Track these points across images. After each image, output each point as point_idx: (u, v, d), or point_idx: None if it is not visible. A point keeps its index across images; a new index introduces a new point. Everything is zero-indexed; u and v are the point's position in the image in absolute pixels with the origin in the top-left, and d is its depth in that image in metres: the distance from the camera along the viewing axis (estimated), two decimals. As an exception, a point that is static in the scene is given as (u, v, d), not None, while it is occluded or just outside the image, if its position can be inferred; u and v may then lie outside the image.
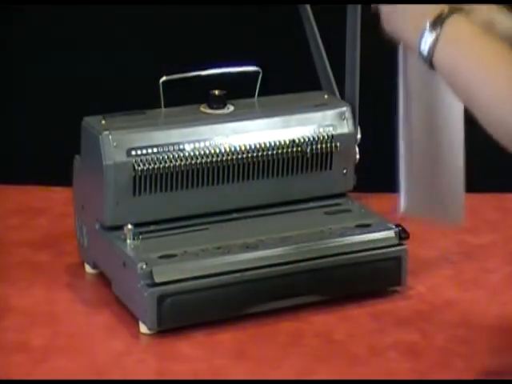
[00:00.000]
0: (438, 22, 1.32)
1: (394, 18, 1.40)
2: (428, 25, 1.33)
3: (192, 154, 1.77)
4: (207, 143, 1.78)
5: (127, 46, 2.18)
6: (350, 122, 1.86)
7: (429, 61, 1.34)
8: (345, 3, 1.89)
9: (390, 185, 1.72)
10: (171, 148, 1.76)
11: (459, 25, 1.33)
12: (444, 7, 1.33)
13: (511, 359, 1.60)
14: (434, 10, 1.34)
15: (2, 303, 1.76)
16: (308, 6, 1.94)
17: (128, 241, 1.71)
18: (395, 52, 1.66)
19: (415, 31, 1.34)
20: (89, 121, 1.78)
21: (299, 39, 1.99)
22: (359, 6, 1.88)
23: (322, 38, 1.96)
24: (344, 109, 1.87)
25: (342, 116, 1.86)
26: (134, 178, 1.74)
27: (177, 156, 1.76)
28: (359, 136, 1.89)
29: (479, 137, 1.39)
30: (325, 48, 1.96)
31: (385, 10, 1.41)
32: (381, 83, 1.86)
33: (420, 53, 1.34)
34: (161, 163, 1.75)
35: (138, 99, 1.84)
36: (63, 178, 1.89)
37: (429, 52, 1.33)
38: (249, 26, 2.16)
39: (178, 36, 2.17)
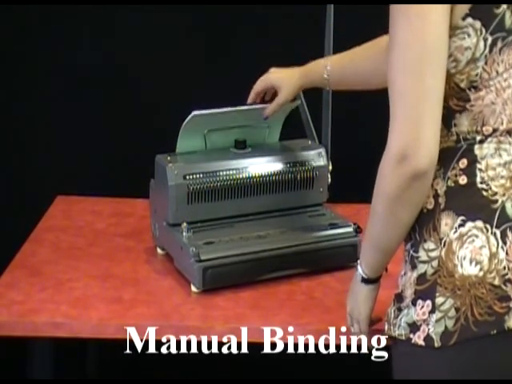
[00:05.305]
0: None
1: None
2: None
3: (225, 178, 1.75)
4: (235, 171, 1.76)
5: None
6: (325, 158, 1.83)
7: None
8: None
9: (349, 198, 1.76)
10: (211, 174, 1.74)
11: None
12: None
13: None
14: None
15: (106, 272, 1.75)
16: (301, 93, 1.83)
17: (184, 233, 1.70)
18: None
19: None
20: (159, 157, 1.77)
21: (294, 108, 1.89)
22: (330, 96, 1.83)
23: (308, 107, 1.87)
24: (321, 150, 1.84)
25: (319, 155, 1.83)
26: (188, 193, 1.72)
27: (215, 179, 1.74)
28: (330, 167, 1.85)
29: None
30: (309, 112, 1.87)
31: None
32: (345, 137, 1.90)
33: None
34: (205, 184, 1.73)
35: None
36: (144, 193, 1.87)
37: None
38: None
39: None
